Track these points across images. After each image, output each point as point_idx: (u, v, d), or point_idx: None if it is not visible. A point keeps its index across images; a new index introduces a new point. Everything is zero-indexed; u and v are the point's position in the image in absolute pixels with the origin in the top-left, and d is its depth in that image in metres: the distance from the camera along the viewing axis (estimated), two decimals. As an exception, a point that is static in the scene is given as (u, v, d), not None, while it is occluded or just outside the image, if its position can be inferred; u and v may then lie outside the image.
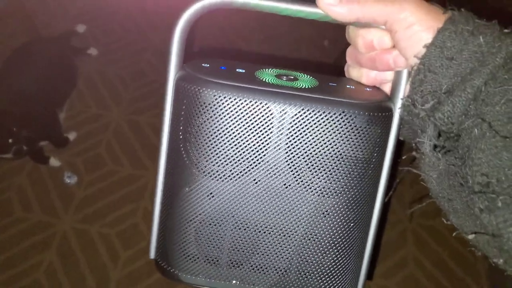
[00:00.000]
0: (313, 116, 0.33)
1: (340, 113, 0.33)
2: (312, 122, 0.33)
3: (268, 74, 0.36)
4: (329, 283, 0.37)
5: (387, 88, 0.36)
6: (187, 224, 0.36)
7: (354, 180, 0.35)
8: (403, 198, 1.35)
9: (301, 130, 0.33)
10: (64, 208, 1.34)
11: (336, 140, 0.33)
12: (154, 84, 1.67)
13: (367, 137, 0.34)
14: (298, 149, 0.34)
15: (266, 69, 0.36)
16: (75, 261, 1.23)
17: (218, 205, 0.35)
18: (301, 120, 0.33)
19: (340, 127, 0.33)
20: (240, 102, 0.33)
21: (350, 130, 0.33)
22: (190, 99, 0.33)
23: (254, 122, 0.33)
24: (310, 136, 0.33)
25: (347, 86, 0.36)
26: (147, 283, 1.19)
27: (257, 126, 0.33)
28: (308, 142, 0.33)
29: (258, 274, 0.37)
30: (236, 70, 0.35)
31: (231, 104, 0.33)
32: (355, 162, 0.34)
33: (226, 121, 0.33)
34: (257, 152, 0.34)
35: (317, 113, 0.33)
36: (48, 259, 1.23)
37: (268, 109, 0.33)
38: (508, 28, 0.31)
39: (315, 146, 0.33)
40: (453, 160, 0.31)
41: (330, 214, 0.35)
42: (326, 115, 0.33)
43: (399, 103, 0.34)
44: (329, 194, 0.35)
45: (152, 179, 1.40)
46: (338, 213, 0.35)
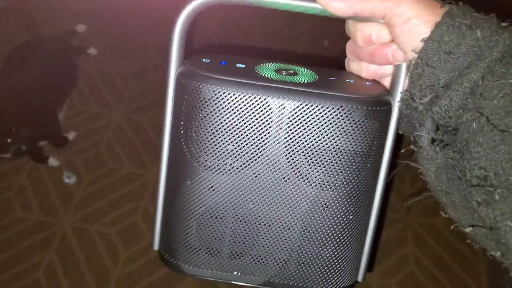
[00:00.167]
0: (311, 111, 0.33)
1: (339, 108, 0.33)
2: (310, 116, 0.33)
3: (267, 69, 0.36)
4: (328, 274, 0.37)
5: (387, 82, 0.36)
6: (189, 216, 0.37)
7: (353, 174, 0.35)
8: (403, 196, 1.35)
9: (299, 125, 0.34)
10: (64, 208, 1.34)
11: (335, 135, 0.34)
12: (155, 82, 1.67)
13: (365, 131, 0.34)
14: (297, 143, 0.34)
15: (266, 64, 0.37)
16: (75, 260, 1.23)
17: (219, 198, 0.36)
18: (300, 115, 0.33)
19: (339, 122, 0.33)
20: (239, 97, 0.33)
21: (348, 124, 0.33)
22: (190, 95, 0.34)
23: (253, 117, 0.34)
24: (309, 131, 0.34)
25: (347, 80, 0.36)
26: (147, 282, 1.19)
27: (256, 121, 0.34)
28: (307, 137, 0.34)
29: (259, 265, 0.37)
30: (236, 65, 0.36)
31: (231, 99, 0.33)
32: (354, 156, 0.34)
33: (226, 116, 0.34)
34: (257, 147, 0.34)
35: (315, 108, 0.33)
36: (48, 258, 1.23)
37: (267, 104, 0.33)
38: (506, 21, 0.31)
39: (313, 140, 0.34)
40: (451, 154, 0.31)
41: (329, 207, 0.36)
42: (325, 110, 0.33)
43: (398, 97, 0.35)
44: (328, 187, 0.35)
45: (152, 178, 1.40)
46: (337, 206, 0.36)
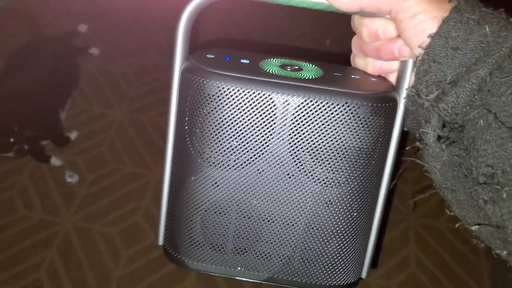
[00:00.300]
0: (316, 107, 0.33)
1: (343, 104, 0.33)
2: (315, 113, 0.33)
3: (272, 65, 0.36)
4: (332, 271, 0.37)
5: (393, 78, 0.36)
6: (193, 212, 0.36)
7: (358, 171, 0.35)
8: (405, 198, 1.35)
9: (304, 121, 0.33)
10: (66, 207, 1.34)
11: (339, 131, 0.33)
12: (158, 82, 1.67)
13: (371, 128, 0.34)
14: (301, 140, 0.34)
15: (271, 59, 0.36)
16: (77, 260, 1.23)
17: (223, 194, 0.36)
18: (304, 111, 0.33)
19: (344, 118, 0.33)
20: (243, 93, 0.33)
21: (353, 121, 0.33)
22: (194, 91, 0.34)
23: (258, 113, 0.33)
24: (313, 127, 0.33)
25: (352, 76, 0.36)
26: (148, 282, 1.19)
27: (261, 117, 0.33)
28: (311, 133, 0.33)
29: (262, 261, 0.37)
30: (241, 61, 0.35)
31: (235, 95, 0.33)
32: (359, 152, 0.34)
33: (230, 112, 0.33)
34: (261, 143, 0.34)
35: (320, 104, 0.33)
36: (49, 257, 1.23)
37: (271, 100, 0.33)
38: None
39: (318, 136, 0.34)
40: (457, 151, 0.31)
41: (333, 204, 0.35)
42: (329, 106, 0.33)
43: (404, 93, 0.34)
44: (332, 184, 0.35)
45: (154, 178, 1.40)
46: (341, 202, 0.35)
